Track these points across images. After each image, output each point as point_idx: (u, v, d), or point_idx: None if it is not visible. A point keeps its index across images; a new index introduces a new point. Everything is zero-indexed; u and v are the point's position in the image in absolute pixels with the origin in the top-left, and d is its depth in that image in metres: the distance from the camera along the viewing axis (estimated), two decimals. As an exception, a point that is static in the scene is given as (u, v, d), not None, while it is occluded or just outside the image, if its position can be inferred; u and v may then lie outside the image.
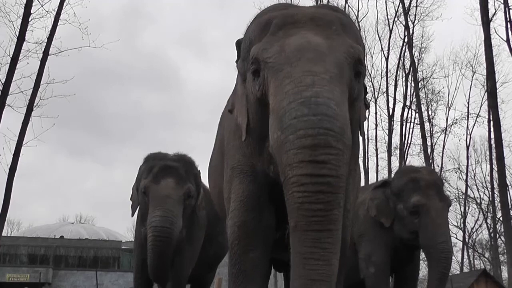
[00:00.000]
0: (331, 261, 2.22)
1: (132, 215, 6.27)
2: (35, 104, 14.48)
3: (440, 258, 6.00)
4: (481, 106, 28.79)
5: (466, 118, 29.65)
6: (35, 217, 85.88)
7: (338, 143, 2.22)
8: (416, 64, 26.13)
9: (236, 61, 3.34)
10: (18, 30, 13.67)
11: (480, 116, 28.86)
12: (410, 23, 25.78)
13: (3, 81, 13.37)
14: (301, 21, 2.69)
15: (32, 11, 14.13)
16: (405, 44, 26.44)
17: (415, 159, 27.89)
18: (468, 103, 30.26)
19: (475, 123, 29.77)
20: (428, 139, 26.01)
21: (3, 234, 14.42)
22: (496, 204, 25.64)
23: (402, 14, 26.01)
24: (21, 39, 13.61)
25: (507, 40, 17.99)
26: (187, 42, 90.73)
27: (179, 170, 5.78)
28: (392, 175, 7.77)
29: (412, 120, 27.72)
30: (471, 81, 29.84)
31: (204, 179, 5.96)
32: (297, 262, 2.25)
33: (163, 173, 5.67)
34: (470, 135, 30.65)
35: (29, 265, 37.01)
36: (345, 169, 2.29)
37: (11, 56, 13.57)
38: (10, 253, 37.81)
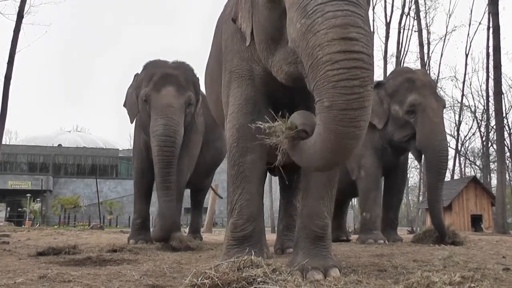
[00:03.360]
0: (360, 137, 2.30)
1: (131, 122, 6.30)
2: (25, 11, 14.15)
3: (437, 158, 6.10)
4: (484, 14, 28.19)
5: (468, 25, 29.12)
6: (31, 126, 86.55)
7: (365, 25, 2.24)
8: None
9: None
10: None
11: (481, 24, 28.35)
12: None
13: (-9, -13, 12.94)
14: None
15: None
16: None
17: (412, 67, 27.70)
18: (471, 10, 29.65)
19: (476, 30, 29.39)
20: (425, 47, 25.69)
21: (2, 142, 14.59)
22: (490, 113, 25.82)
23: None
24: None
25: None
26: None
27: (179, 78, 5.76)
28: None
29: (410, 28, 27.30)
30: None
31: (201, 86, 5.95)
32: (328, 139, 2.27)
33: (163, 81, 5.65)
34: (471, 43, 30.31)
35: (29, 173, 37.79)
36: (372, 54, 2.30)
37: (-3, -40, 13.03)
38: (10, 161, 38.38)
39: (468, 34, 29.70)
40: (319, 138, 2.34)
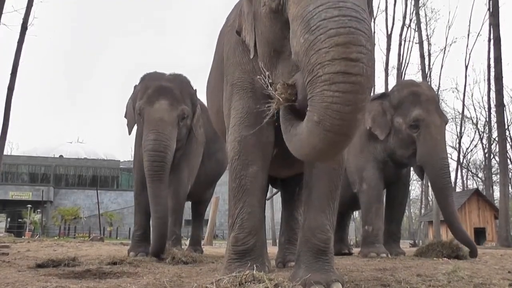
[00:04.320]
0: (336, 156, 2.55)
1: (129, 133, 6.32)
2: (29, 23, 14.30)
3: (439, 174, 6.11)
4: (482, 25, 28.45)
5: (467, 36, 29.30)
6: (33, 137, 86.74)
7: (368, 43, 2.20)
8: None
9: None
10: None
11: (480, 35, 28.53)
12: None
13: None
14: None
15: None
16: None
17: (415, 80, 27.76)
18: (469, 21, 29.91)
19: (475, 41, 29.60)
20: (426, 59, 25.78)
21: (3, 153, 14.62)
22: (492, 124, 25.82)
23: None
24: (13, -45, 13.21)
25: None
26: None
27: (173, 91, 5.73)
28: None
29: (411, 40, 27.44)
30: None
31: (203, 98, 5.93)
32: (308, 147, 2.38)
33: (157, 95, 5.63)
34: (470, 54, 30.48)
35: (30, 184, 37.74)
36: (373, 72, 2.29)
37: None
38: (11, 171, 38.35)
39: (467, 45, 30.01)
40: (301, 140, 2.43)
